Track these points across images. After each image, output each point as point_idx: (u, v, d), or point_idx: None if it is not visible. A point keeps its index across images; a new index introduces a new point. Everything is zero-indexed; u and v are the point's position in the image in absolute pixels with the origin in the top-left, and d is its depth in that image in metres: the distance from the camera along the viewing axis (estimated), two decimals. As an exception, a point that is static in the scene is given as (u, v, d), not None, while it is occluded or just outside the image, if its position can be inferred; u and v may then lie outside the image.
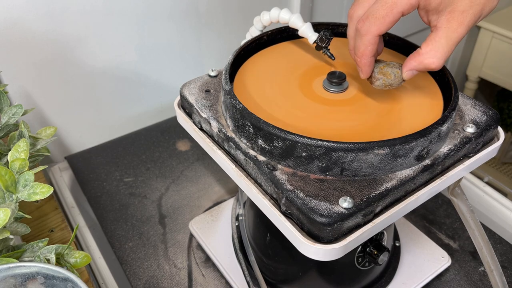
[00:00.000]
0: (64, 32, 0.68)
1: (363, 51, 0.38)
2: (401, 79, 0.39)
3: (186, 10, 0.78)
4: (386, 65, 0.40)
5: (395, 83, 0.40)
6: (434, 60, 0.36)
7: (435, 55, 0.36)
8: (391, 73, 0.39)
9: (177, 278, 0.58)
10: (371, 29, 0.36)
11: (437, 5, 0.35)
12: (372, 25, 0.36)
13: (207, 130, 0.44)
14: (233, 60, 0.45)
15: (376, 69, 0.40)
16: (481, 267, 0.59)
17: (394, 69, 0.39)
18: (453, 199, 0.46)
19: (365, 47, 0.38)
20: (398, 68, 0.39)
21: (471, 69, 1.43)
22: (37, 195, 0.42)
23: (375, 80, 0.40)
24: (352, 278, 0.51)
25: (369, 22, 0.36)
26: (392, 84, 0.40)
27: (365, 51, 0.38)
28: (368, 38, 0.37)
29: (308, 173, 0.37)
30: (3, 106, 0.52)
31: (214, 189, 0.71)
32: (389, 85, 0.40)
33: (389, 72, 0.39)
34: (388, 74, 0.39)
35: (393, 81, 0.40)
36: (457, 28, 0.35)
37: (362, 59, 0.39)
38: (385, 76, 0.39)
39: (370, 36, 0.37)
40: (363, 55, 0.38)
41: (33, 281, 0.38)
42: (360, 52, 0.38)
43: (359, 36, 0.38)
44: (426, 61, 0.36)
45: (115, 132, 0.82)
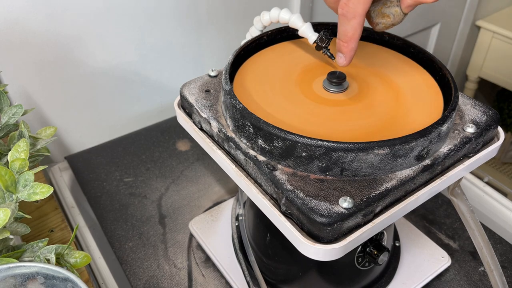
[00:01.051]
0: (64, 32, 0.68)
1: (351, 36, 0.36)
2: (402, 15, 0.38)
3: (186, 10, 0.78)
4: (383, 5, 0.38)
5: (396, 22, 0.38)
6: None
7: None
8: (390, 14, 0.37)
9: (177, 278, 0.58)
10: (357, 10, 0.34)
11: None
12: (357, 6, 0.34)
13: (207, 130, 0.44)
14: (233, 60, 0.45)
15: (373, 13, 0.38)
16: (481, 267, 0.59)
17: (392, 8, 0.37)
18: (453, 199, 0.46)
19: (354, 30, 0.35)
20: (396, 6, 0.37)
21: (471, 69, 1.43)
22: (37, 195, 0.42)
23: (375, 25, 0.38)
24: (352, 278, 0.51)
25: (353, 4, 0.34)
26: (394, 23, 0.38)
27: (354, 35, 0.36)
28: (356, 21, 0.35)
29: (308, 173, 0.37)
30: (3, 106, 0.52)
31: (214, 189, 0.71)
32: (391, 25, 0.38)
33: (387, 14, 0.37)
34: (387, 15, 0.37)
35: (393, 21, 0.38)
36: None
37: (349, 44, 0.36)
38: (384, 19, 0.38)
39: (358, 18, 0.35)
40: (351, 39, 0.36)
41: (33, 281, 0.38)
42: (348, 37, 0.36)
43: (345, 20, 0.35)
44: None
45: (115, 132, 0.82)
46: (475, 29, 1.37)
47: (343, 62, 0.39)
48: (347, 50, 0.37)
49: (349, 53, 0.37)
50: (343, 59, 0.38)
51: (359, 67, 0.48)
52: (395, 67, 0.48)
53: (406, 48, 0.49)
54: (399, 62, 0.49)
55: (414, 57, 0.49)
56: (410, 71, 0.47)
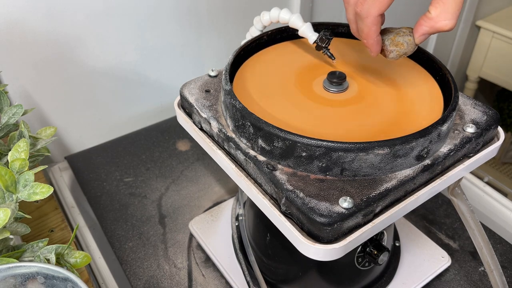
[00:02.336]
0: (64, 32, 0.68)
1: (367, 33, 0.38)
2: (414, 45, 0.39)
3: (186, 10, 0.78)
4: (396, 35, 0.39)
5: (409, 51, 0.39)
6: (447, 23, 0.35)
7: (446, 17, 0.35)
8: (403, 42, 0.39)
9: (177, 278, 0.58)
10: (371, 11, 0.36)
11: None
12: (372, 6, 0.36)
13: (207, 130, 0.44)
14: (233, 60, 0.45)
15: (387, 41, 0.39)
16: (481, 267, 0.59)
17: (406, 37, 0.39)
18: (453, 199, 0.46)
19: (369, 28, 0.37)
20: (409, 35, 0.39)
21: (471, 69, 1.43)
22: (37, 195, 0.42)
23: (388, 53, 0.40)
24: (352, 278, 0.51)
25: (368, 4, 0.36)
26: (406, 52, 0.39)
27: (369, 32, 0.38)
28: (370, 19, 0.37)
29: (308, 173, 0.37)
30: (3, 106, 0.52)
31: (214, 189, 0.71)
32: (404, 54, 0.40)
33: (401, 42, 0.39)
34: (401, 44, 0.39)
35: (407, 49, 0.39)
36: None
37: (368, 40, 0.38)
38: (397, 47, 0.39)
39: (372, 17, 0.36)
40: (368, 36, 0.38)
41: (33, 281, 0.38)
42: (365, 34, 0.38)
43: (360, 19, 0.37)
44: (438, 25, 0.36)
45: (115, 132, 0.82)
46: (475, 29, 1.37)
47: (371, 54, 0.40)
48: (369, 45, 0.39)
49: (372, 48, 0.39)
50: (370, 52, 0.40)
51: (359, 67, 0.48)
52: (395, 67, 0.48)
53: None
54: (399, 62, 0.48)
55: (414, 57, 0.49)
56: (410, 71, 0.47)
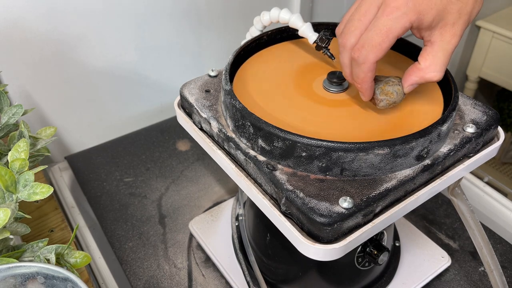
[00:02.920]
0: (64, 32, 0.68)
1: (363, 78, 0.38)
2: (403, 94, 0.40)
3: (186, 10, 0.78)
4: (385, 84, 0.40)
5: (398, 100, 0.40)
6: (435, 74, 0.38)
7: (435, 69, 0.37)
8: (393, 92, 0.40)
9: (177, 278, 0.58)
10: (368, 57, 0.37)
11: (429, 24, 0.36)
12: (370, 53, 0.36)
13: (207, 130, 0.44)
14: (233, 60, 0.45)
15: (377, 90, 0.40)
16: (481, 267, 0.59)
17: (395, 86, 0.40)
18: (453, 199, 0.46)
19: (365, 74, 0.38)
20: (398, 85, 0.40)
21: (471, 69, 1.43)
22: (37, 195, 0.42)
23: (378, 101, 0.40)
24: (352, 278, 0.51)
25: (366, 51, 0.37)
26: (396, 101, 0.40)
27: (365, 78, 0.38)
28: (367, 66, 0.37)
29: (308, 173, 0.37)
30: (3, 106, 0.52)
31: (214, 189, 0.71)
32: (393, 103, 0.40)
33: (390, 91, 0.40)
34: (390, 93, 0.40)
35: (396, 98, 0.40)
36: (451, 40, 0.37)
37: (363, 85, 0.39)
38: (387, 96, 0.40)
39: (369, 64, 0.37)
40: (363, 81, 0.39)
41: (33, 281, 0.38)
42: (360, 79, 0.39)
43: (357, 65, 0.38)
44: (428, 76, 0.38)
45: (115, 132, 0.82)
46: (475, 29, 1.37)
47: (363, 98, 0.41)
48: (363, 90, 0.40)
49: (365, 92, 0.40)
50: (363, 96, 0.41)
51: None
52: (395, 67, 0.48)
53: (406, 48, 0.49)
54: (399, 62, 0.48)
55: (414, 57, 0.49)
56: (410, 71, 0.47)
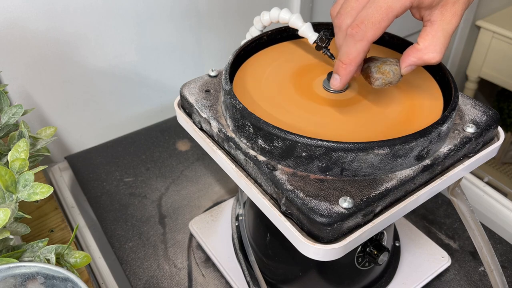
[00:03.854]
0: (64, 32, 0.68)
1: (353, 58, 0.36)
2: (400, 75, 0.39)
3: (186, 11, 0.78)
4: (383, 63, 0.39)
5: (394, 80, 0.39)
6: (435, 55, 0.36)
7: (435, 50, 0.35)
8: (390, 71, 0.38)
9: (177, 278, 0.58)
10: (367, 34, 0.34)
11: (430, 2, 0.34)
12: (368, 30, 0.34)
13: (207, 130, 0.44)
14: (233, 60, 0.45)
15: (374, 68, 0.39)
16: (481, 267, 0.59)
17: (392, 66, 0.38)
18: (453, 199, 0.46)
19: (358, 53, 0.35)
20: (396, 65, 0.38)
21: (471, 69, 1.43)
22: (37, 195, 0.42)
23: (374, 80, 0.39)
24: (352, 278, 0.51)
25: (365, 27, 0.34)
26: (392, 81, 0.39)
27: (356, 58, 0.36)
28: (363, 44, 0.35)
29: (308, 173, 0.37)
30: (3, 106, 0.52)
31: (214, 189, 0.71)
32: (389, 83, 0.39)
33: (387, 70, 0.38)
34: (387, 72, 0.38)
35: (392, 78, 0.39)
36: (451, 20, 0.35)
37: (348, 67, 0.36)
38: (384, 75, 0.38)
39: (365, 42, 0.35)
40: (352, 62, 0.36)
41: (33, 281, 0.38)
42: (349, 59, 0.36)
43: (352, 42, 0.35)
44: (426, 57, 0.36)
45: (115, 132, 0.82)
46: (475, 29, 1.37)
47: (337, 85, 0.38)
48: (345, 73, 0.37)
49: (345, 76, 0.37)
50: (338, 81, 0.37)
51: (359, 67, 0.48)
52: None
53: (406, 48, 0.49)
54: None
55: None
56: (410, 71, 0.47)
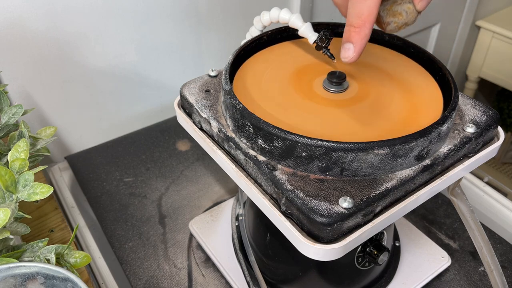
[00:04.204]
0: (64, 32, 0.68)
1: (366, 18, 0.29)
2: (416, 14, 0.34)
3: (186, 10, 0.78)
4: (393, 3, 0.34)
5: (410, 20, 0.34)
6: None
7: None
8: (402, 12, 0.33)
9: (177, 278, 0.58)
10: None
11: None
12: None
13: (207, 130, 0.44)
14: (233, 60, 0.45)
15: (383, 12, 0.34)
16: (481, 267, 0.59)
17: (404, 5, 0.33)
18: (453, 199, 0.46)
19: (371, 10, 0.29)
20: (409, 2, 0.33)
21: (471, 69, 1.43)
22: (37, 195, 0.42)
23: (385, 25, 0.35)
24: (352, 278, 0.51)
25: None
26: (407, 22, 0.34)
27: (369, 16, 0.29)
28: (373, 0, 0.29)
29: (308, 173, 0.37)
30: (3, 106, 0.52)
31: (214, 189, 0.71)
32: (403, 24, 0.34)
33: (399, 11, 0.33)
34: (398, 13, 0.33)
35: (406, 19, 0.34)
36: None
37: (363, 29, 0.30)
38: (395, 18, 0.33)
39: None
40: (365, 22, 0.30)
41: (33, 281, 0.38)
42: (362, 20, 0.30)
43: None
44: None
45: (115, 132, 0.82)
46: (475, 29, 1.37)
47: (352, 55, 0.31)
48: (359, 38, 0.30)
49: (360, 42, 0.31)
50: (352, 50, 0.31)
51: (359, 67, 0.48)
52: (395, 67, 0.48)
53: (406, 48, 0.49)
54: (399, 62, 0.49)
55: (414, 57, 0.49)
56: (410, 71, 0.47)
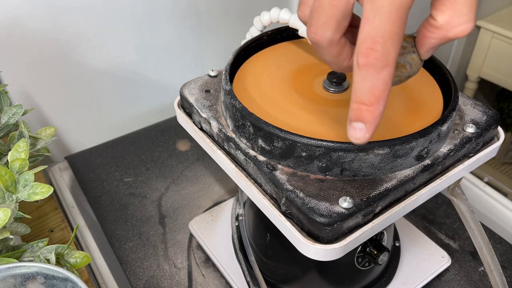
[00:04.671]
0: (65, 32, 0.68)
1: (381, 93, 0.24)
2: (420, 64, 0.31)
3: (186, 10, 0.78)
4: None
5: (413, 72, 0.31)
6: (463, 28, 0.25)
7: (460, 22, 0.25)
8: (406, 63, 0.30)
9: (177, 278, 0.58)
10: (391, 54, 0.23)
11: None
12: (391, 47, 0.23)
13: (207, 130, 0.44)
14: (233, 60, 0.45)
15: None
16: (481, 267, 0.59)
17: (408, 56, 0.30)
18: (453, 199, 0.46)
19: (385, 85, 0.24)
20: (413, 52, 0.30)
21: (471, 69, 1.43)
22: (37, 195, 0.42)
23: None
24: (352, 278, 0.51)
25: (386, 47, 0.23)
26: (411, 74, 0.31)
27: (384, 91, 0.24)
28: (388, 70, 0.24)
29: (308, 173, 0.37)
30: (3, 106, 0.52)
31: (214, 189, 0.71)
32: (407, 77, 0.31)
33: (402, 63, 0.30)
34: (402, 65, 0.30)
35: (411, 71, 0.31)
36: None
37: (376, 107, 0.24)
38: (398, 70, 0.30)
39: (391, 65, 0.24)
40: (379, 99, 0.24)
41: (33, 281, 0.38)
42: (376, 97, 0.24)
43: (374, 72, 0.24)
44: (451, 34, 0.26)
45: (115, 132, 0.82)
46: (475, 29, 1.37)
47: (364, 136, 0.25)
48: (372, 117, 0.25)
49: (374, 121, 0.25)
50: (364, 131, 0.25)
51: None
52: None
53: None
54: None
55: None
56: (410, 71, 0.47)
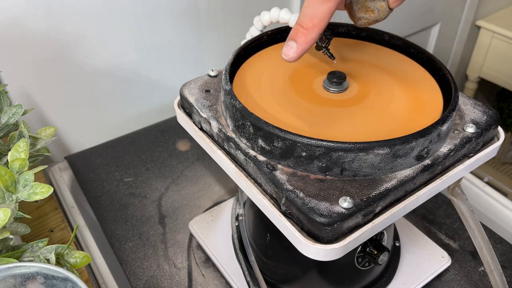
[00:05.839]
0: (64, 32, 0.68)
1: (317, 22, 0.29)
2: (388, 11, 0.34)
3: (186, 10, 0.78)
4: None
5: (380, 18, 0.34)
6: None
7: None
8: (374, 9, 0.34)
9: (177, 278, 0.58)
10: None
11: None
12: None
13: (207, 130, 0.44)
14: (233, 60, 0.45)
15: (356, 6, 0.34)
16: (481, 267, 0.59)
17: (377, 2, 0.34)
18: (453, 199, 0.46)
19: (323, 16, 0.29)
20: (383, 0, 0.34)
21: (471, 69, 1.43)
22: (37, 195, 0.42)
23: (356, 19, 0.35)
24: (352, 278, 0.51)
25: None
26: (377, 20, 0.35)
27: (320, 22, 0.29)
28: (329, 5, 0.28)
29: (308, 173, 0.37)
30: (3, 106, 0.52)
31: (214, 189, 0.71)
32: (374, 21, 0.35)
33: (371, 8, 0.34)
34: (371, 10, 0.34)
35: (378, 16, 0.34)
36: None
37: (310, 33, 0.29)
38: (367, 14, 0.34)
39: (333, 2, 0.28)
40: (315, 27, 0.29)
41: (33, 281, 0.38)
42: (312, 24, 0.29)
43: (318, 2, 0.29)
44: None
45: (115, 132, 0.82)
46: (475, 29, 1.37)
47: (291, 55, 0.31)
48: (304, 40, 0.30)
49: (304, 45, 0.30)
50: (294, 50, 0.31)
51: (359, 67, 0.48)
52: (395, 67, 0.48)
53: (406, 48, 0.49)
54: (399, 62, 0.49)
55: (414, 57, 0.49)
56: (410, 71, 0.47)
